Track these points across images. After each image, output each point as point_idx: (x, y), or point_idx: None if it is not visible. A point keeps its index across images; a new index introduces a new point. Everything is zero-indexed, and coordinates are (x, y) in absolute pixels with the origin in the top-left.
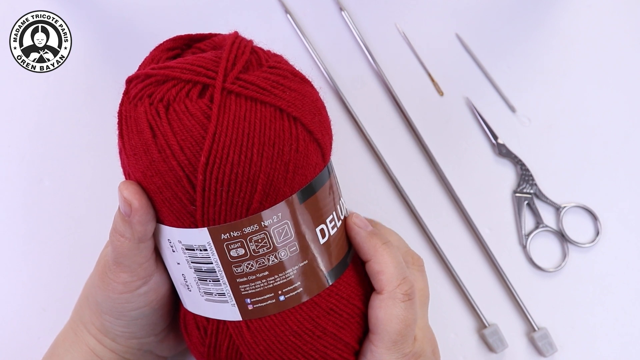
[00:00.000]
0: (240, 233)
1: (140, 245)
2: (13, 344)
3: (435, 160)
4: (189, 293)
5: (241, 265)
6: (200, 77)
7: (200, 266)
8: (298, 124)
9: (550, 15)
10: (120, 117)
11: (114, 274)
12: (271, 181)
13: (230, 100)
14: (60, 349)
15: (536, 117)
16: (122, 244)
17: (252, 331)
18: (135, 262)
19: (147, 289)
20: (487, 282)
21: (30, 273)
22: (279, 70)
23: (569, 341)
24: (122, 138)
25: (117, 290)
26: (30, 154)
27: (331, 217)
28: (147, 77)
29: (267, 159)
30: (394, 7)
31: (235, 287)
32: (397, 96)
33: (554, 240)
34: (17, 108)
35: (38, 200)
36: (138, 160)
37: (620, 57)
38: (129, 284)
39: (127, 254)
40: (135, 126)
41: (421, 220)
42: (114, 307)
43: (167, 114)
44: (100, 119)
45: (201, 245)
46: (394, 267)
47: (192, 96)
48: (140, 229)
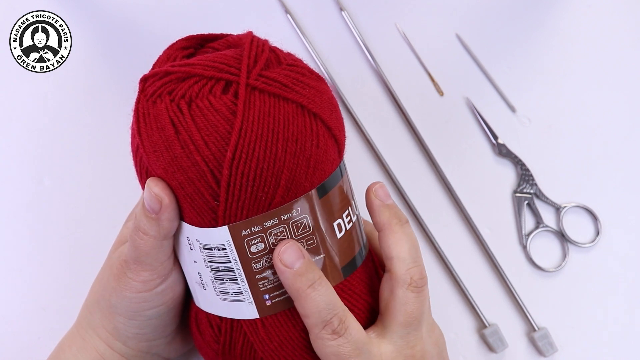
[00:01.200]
0: (261, 227)
1: (164, 243)
2: (13, 344)
3: (435, 160)
4: (203, 292)
5: (260, 260)
6: (223, 73)
7: (218, 265)
8: (318, 120)
9: (550, 15)
10: (137, 115)
11: (134, 273)
12: (294, 176)
13: (254, 97)
14: (67, 354)
15: (536, 117)
16: (145, 242)
17: (267, 327)
18: (157, 260)
19: (164, 287)
20: (487, 282)
21: (30, 273)
22: (298, 68)
23: (569, 341)
24: (139, 135)
25: (135, 289)
26: (30, 154)
27: (347, 211)
28: (167, 75)
29: (290, 155)
30: (394, 7)
31: (254, 284)
32: (397, 96)
33: (554, 240)
34: (17, 108)
35: (38, 200)
36: (159, 157)
37: (620, 57)
38: (148, 282)
39: (150, 252)
40: (155, 123)
41: (421, 220)
42: (129, 307)
43: (189, 110)
44: (100, 119)
45: (220, 245)
46: (407, 250)
47: (215, 92)
48: (167, 226)
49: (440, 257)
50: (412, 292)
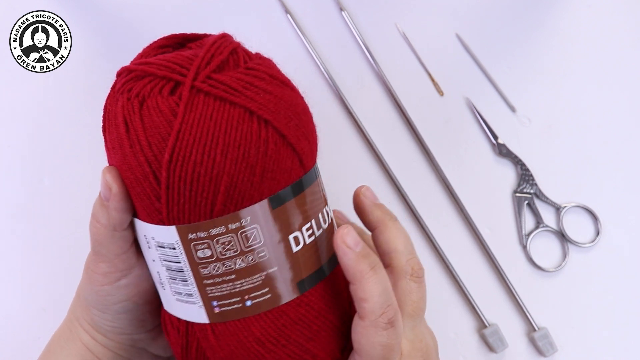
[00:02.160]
0: (207, 234)
1: (115, 234)
2: (13, 344)
3: (435, 160)
4: (163, 291)
5: (208, 267)
6: (173, 74)
7: (171, 265)
8: (269, 127)
9: (550, 15)
10: (104, 111)
11: (94, 264)
12: (236, 183)
13: (198, 99)
14: (55, 345)
15: (536, 117)
16: (97, 230)
17: (217, 335)
18: (112, 251)
19: (127, 282)
20: (487, 282)
21: (30, 273)
22: (256, 72)
23: (569, 341)
24: (104, 132)
25: (98, 281)
26: (30, 154)
27: (309, 225)
28: (129, 72)
29: (230, 161)
30: (394, 7)
31: (202, 288)
32: (397, 96)
33: (554, 240)
34: (17, 108)
35: (38, 200)
36: (115, 153)
37: (620, 57)
38: (108, 274)
39: (103, 242)
40: (114, 120)
41: (421, 220)
42: (98, 300)
43: (140, 110)
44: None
45: (170, 244)
46: (378, 295)
47: (164, 93)
48: (115, 216)
49: (440, 257)
50: (415, 282)
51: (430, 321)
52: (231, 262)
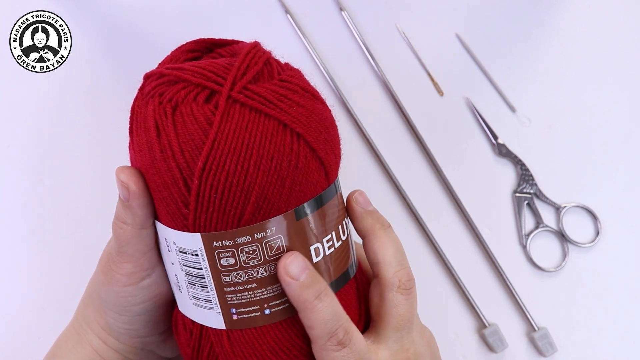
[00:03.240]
0: (232, 243)
1: (142, 232)
2: (13, 344)
3: (435, 160)
4: (179, 294)
5: (230, 274)
6: (209, 82)
7: (191, 270)
8: (301, 140)
9: (550, 15)
10: (132, 112)
11: (117, 265)
12: (265, 195)
13: (234, 110)
14: (63, 349)
15: (536, 117)
16: (124, 232)
17: (232, 341)
18: (138, 250)
19: (150, 282)
20: (487, 282)
21: (30, 273)
22: (290, 84)
23: (569, 341)
24: (131, 133)
25: (120, 282)
26: (30, 154)
27: (329, 237)
28: (161, 77)
29: (263, 172)
30: (394, 7)
31: (222, 295)
32: (397, 96)
33: (554, 240)
34: (17, 108)
35: (38, 200)
36: (143, 156)
37: (620, 57)
38: (132, 275)
39: (130, 242)
40: (143, 123)
41: (421, 220)
42: (117, 302)
43: (173, 115)
44: (100, 119)
45: (193, 250)
46: (324, 323)
47: (199, 100)
48: (140, 213)
49: (440, 257)
50: (402, 294)
51: (431, 321)
52: (254, 271)
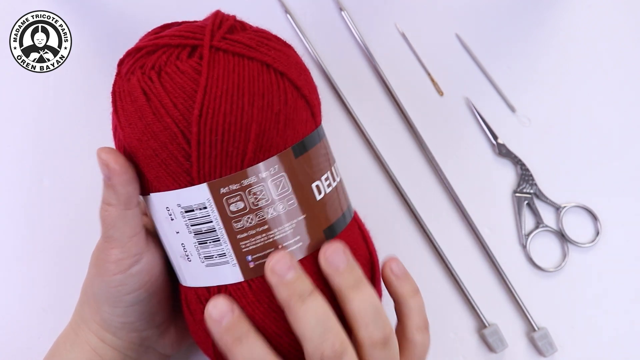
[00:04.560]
0: (239, 186)
1: (127, 213)
2: (13, 344)
3: (435, 160)
4: (188, 265)
5: (241, 219)
6: (188, 40)
7: (201, 227)
8: (285, 78)
9: (550, 15)
10: (113, 96)
11: (105, 253)
12: (264, 131)
13: (218, 57)
14: (61, 349)
15: (536, 117)
16: (109, 213)
17: (255, 290)
18: (125, 233)
19: (139, 269)
20: (487, 282)
21: (30, 273)
22: (263, 33)
23: (569, 341)
24: (116, 113)
25: (110, 271)
26: (30, 154)
27: (326, 175)
28: (138, 51)
29: (257, 109)
30: (394, 7)
31: (235, 244)
32: (397, 96)
33: (554, 240)
34: (17, 108)
35: (38, 200)
36: (133, 128)
37: (620, 57)
38: (120, 262)
39: (116, 224)
40: (129, 97)
41: (421, 220)
42: (109, 293)
43: (159, 78)
44: (100, 119)
45: (201, 204)
46: (311, 329)
47: (182, 58)
48: (123, 191)
49: (440, 257)
50: (378, 350)
51: (430, 321)
52: (263, 212)
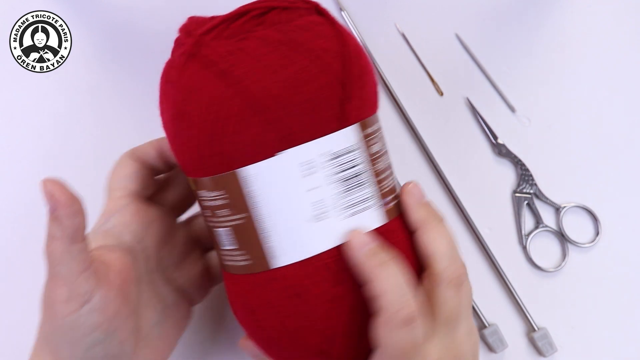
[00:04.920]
0: (375, 128)
1: (73, 248)
2: (13, 344)
3: (435, 160)
4: (319, 226)
5: (377, 162)
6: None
7: (347, 173)
8: None
9: (550, 15)
10: (238, 50)
11: (52, 292)
12: (374, 87)
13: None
14: None
15: (536, 117)
16: (54, 248)
17: (395, 230)
18: (72, 270)
19: (90, 308)
20: (487, 282)
21: (30, 273)
22: None
23: (569, 341)
24: (240, 65)
25: (60, 313)
26: (30, 154)
27: None
28: (223, 21)
29: (371, 68)
30: (394, 7)
31: (378, 185)
32: (397, 96)
33: (554, 240)
34: (17, 108)
35: (38, 200)
36: (278, 75)
37: (620, 57)
38: (69, 301)
39: (61, 259)
40: (272, 45)
41: None
42: (64, 337)
43: (300, 29)
44: (100, 119)
45: (348, 147)
46: (443, 248)
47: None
48: (69, 224)
49: None
50: (452, 289)
51: None
52: (386, 157)
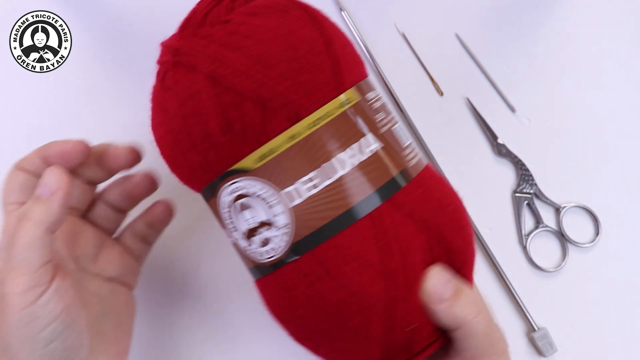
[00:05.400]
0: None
1: (45, 238)
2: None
3: (435, 160)
4: None
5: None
6: None
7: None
8: None
9: (550, 15)
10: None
11: (11, 285)
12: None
13: None
14: None
15: (536, 117)
16: (27, 232)
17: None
18: (37, 259)
19: (48, 297)
20: (487, 282)
21: None
22: None
23: (569, 341)
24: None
25: (17, 306)
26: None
27: None
28: None
29: None
30: (394, 7)
31: None
32: (397, 96)
33: (554, 240)
34: (17, 108)
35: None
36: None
37: (620, 56)
38: (28, 291)
39: (31, 246)
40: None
41: None
42: (22, 335)
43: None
44: (100, 119)
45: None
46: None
47: None
48: (58, 212)
49: None
50: None
51: None
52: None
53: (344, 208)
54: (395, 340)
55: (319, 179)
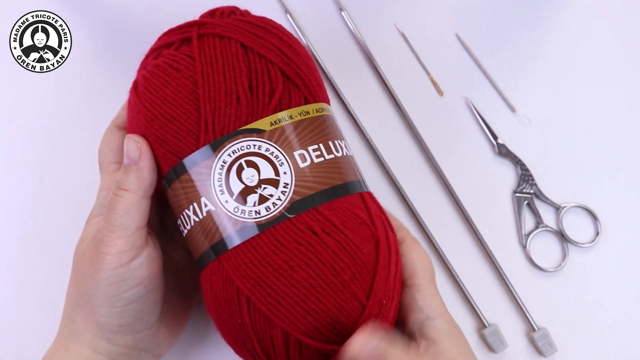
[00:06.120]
0: None
1: (142, 202)
2: (13, 344)
3: (435, 161)
4: None
5: None
6: None
7: None
8: None
9: (550, 15)
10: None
11: (108, 245)
12: None
13: None
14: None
15: (536, 117)
16: (124, 199)
17: None
18: (134, 223)
19: (140, 262)
20: (487, 282)
21: (30, 273)
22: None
23: (569, 341)
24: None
25: (110, 265)
26: (30, 153)
27: None
28: None
29: None
30: (394, 7)
31: None
32: (397, 96)
33: (554, 240)
34: (17, 108)
35: (38, 200)
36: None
37: (620, 56)
38: (123, 254)
39: (129, 211)
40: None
41: (421, 220)
42: (107, 292)
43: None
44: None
45: None
46: None
47: None
48: (147, 176)
49: (440, 257)
50: None
51: None
52: None
53: (341, 181)
54: (371, 307)
55: (324, 151)
